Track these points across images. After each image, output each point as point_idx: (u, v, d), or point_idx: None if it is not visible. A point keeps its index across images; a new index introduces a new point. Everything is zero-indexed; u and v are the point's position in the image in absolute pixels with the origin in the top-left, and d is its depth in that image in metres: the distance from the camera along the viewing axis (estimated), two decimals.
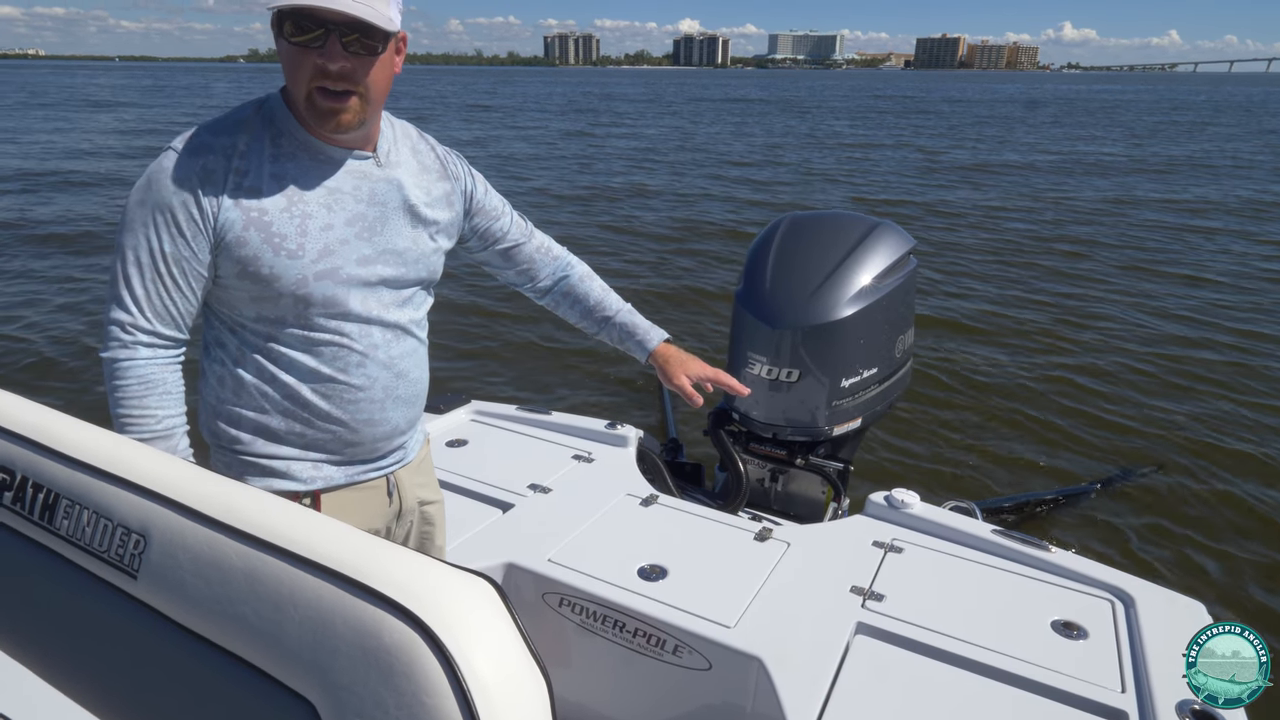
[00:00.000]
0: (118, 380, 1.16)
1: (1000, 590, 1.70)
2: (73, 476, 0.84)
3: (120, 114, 27.80)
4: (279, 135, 1.19)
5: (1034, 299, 6.87)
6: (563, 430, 2.44)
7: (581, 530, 1.88)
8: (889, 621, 1.59)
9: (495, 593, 0.66)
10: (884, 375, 2.30)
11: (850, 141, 21.28)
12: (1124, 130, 25.86)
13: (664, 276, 7.61)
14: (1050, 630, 1.57)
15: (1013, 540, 1.84)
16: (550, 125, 25.82)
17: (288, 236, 1.16)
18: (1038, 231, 9.66)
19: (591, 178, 14.02)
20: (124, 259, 1.15)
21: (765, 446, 2.36)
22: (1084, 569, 1.76)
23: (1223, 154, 18.51)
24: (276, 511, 0.75)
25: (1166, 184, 13.76)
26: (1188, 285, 7.40)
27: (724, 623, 1.56)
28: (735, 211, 10.93)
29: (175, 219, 1.13)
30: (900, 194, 12.51)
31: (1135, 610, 1.63)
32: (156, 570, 0.76)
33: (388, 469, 1.39)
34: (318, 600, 0.66)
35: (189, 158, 1.14)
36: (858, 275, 2.20)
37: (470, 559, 1.76)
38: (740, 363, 2.26)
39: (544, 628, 1.75)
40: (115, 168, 13.93)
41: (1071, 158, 17.45)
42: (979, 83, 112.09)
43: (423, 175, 1.33)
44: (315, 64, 1.10)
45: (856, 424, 2.30)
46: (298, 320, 1.21)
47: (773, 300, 2.21)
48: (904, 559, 1.81)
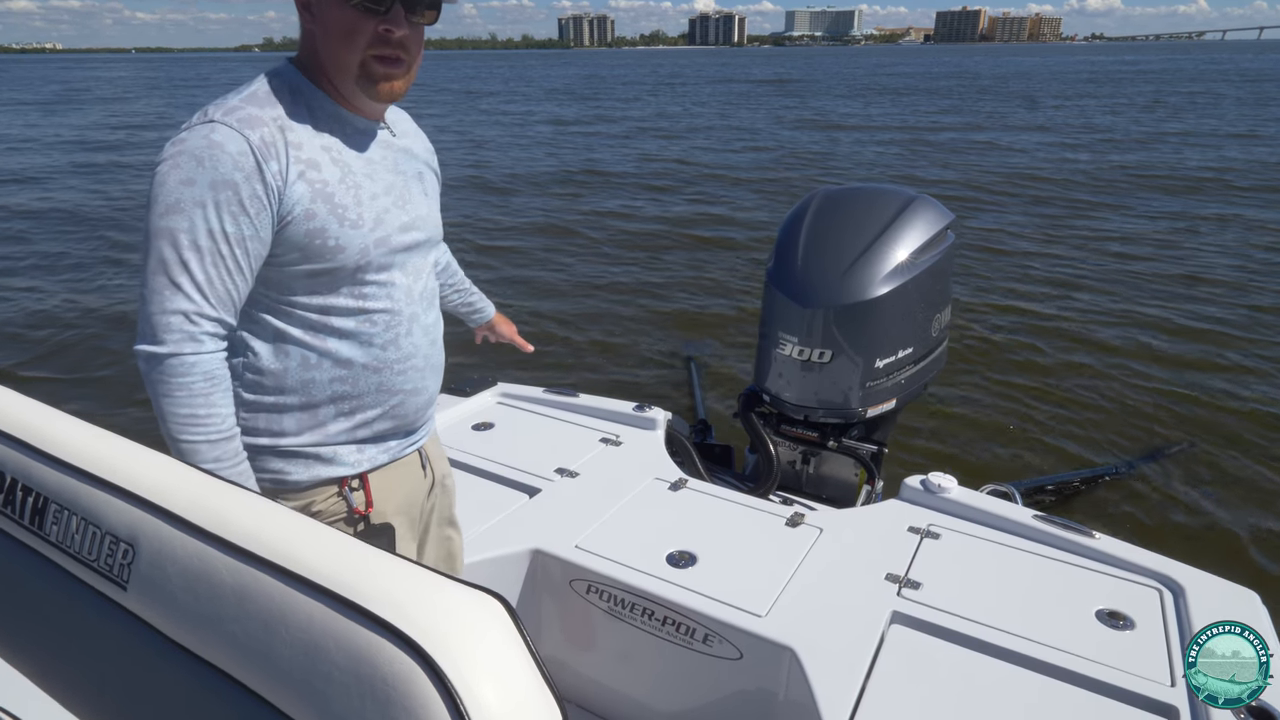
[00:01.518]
0: (182, 377, 1.07)
1: (1042, 578, 1.65)
2: (62, 480, 0.80)
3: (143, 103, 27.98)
4: (312, 108, 1.15)
5: (1073, 275, 6.72)
6: (590, 413, 2.41)
7: (609, 516, 1.85)
8: (926, 611, 1.54)
9: (506, 613, 0.61)
10: (920, 355, 2.23)
11: (882, 123, 20.92)
12: (1175, 104, 25.14)
13: (691, 269, 7.53)
14: (1095, 620, 1.52)
15: (1054, 526, 1.78)
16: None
17: (348, 207, 1.15)
18: (1080, 206, 9.44)
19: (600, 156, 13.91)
20: (176, 243, 1.05)
21: (797, 428, 2.31)
22: (1130, 556, 1.70)
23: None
24: (269, 521, 0.70)
25: (1214, 155, 13.39)
26: (1231, 257, 7.20)
27: (755, 611, 1.52)
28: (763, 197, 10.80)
29: (239, 196, 1.05)
30: (938, 167, 12.28)
31: (1185, 599, 1.57)
32: (146, 581, 0.72)
33: (419, 441, 1.38)
34: (309, 621, 0.61)
35: (243, 130, 1.06)
36: (893, 251, 2.13)
37: (496, 545, 1.74)
38: (771, 343, 2.20)
39: (572, 614, 1.72)
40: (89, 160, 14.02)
41: (1122, 132, 16.97)
42: (1004, 56, 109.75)
43: (418, 142, 1.36)
44: (377, 31, 1.09)
45: (891, 405, 2.24)
46: (351, 293, 1.19)
47: (804, 278, 2.15)
48: (941, 545, 1.76)
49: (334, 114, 1.17)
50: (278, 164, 1.08)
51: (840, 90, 34.22)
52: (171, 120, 21.32)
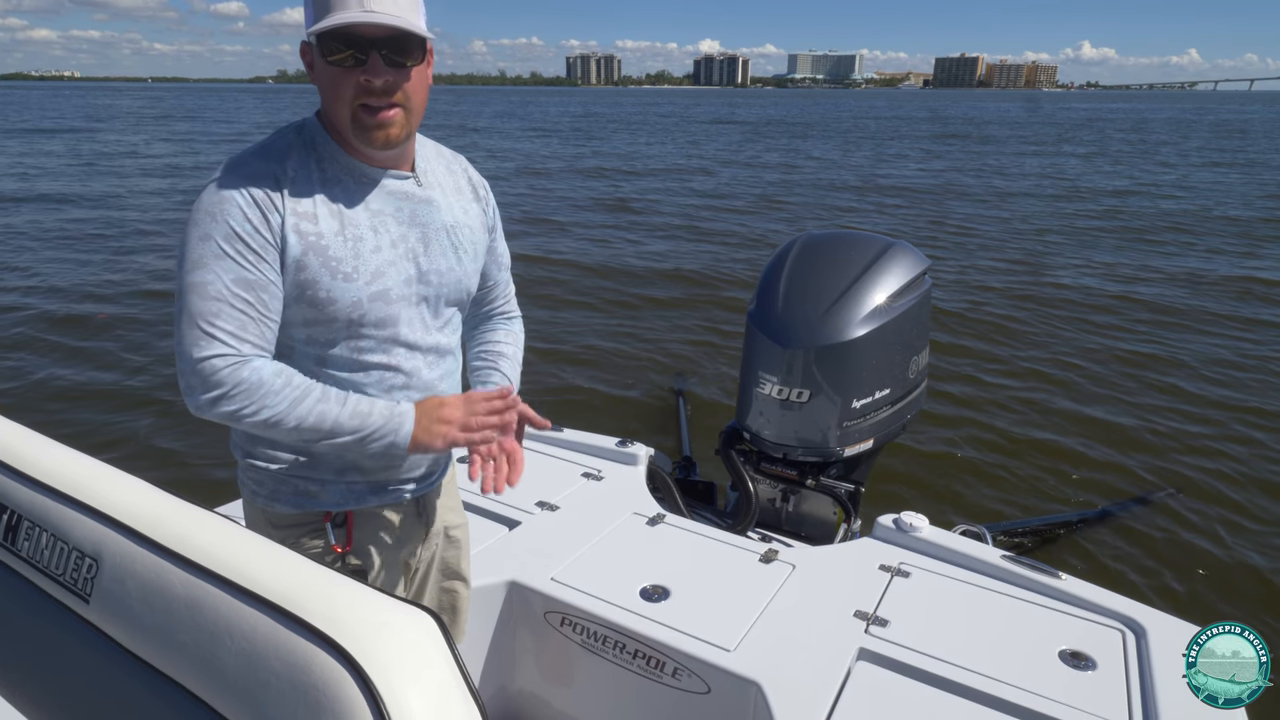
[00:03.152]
0: (258, 389, 1.10)
1: (1008, 618, 1.68)
2: (34, 499, 0.85)
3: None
4: (323, 160, 1.19)
5: (1051, 320, 6.80)
6: (574, 447, 2.44)
7: (586, 549, 1.87)
8: (892, 648, 1.56)
9: (436, 628, 0.65)
10: (897, 396, 2.28)
11: (865, 163, 21.25)
12: (1149, 150, 25.62)
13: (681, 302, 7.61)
14: (1058, 660, 1.54)
15: (1022, 566, 1.81)
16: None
17: (343, 260, 1.16)
18: (1057, 253, 9.58)
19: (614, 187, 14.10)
20: (205, 296, 1.09)
21: (776, 466, 2.34)
22: (1095, 597, 1.73)
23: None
24: (223, 538, 0.75)
25: (1192, 203, 13.62)
26: (1214, 299, 7.30)
27: (724, 646, 1.55)
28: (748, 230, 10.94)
29: (250, 246, 1.11)
30: (917, 213, 12.47)
31: (1146, 641, 1.60)
32: (107, 595, 0.76)
33: (419, 490, 1.38)
34: (252, 631, 0.66)
35: (244, 185, 1.12)
36: (871, 295, 2.19)
37: (474, 576, 1.76)
38: (752, 381, 2.25)
39: (547, 647, 1.74)
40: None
41: (1096, 178, 17.29)
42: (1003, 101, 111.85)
43: (458, 196, 1.33)
44: (359, 82, 1.12)
45: (869, 445, 2.28)
46: (348, 343, 1.21)
47: (785, 319, 2.21)
48: (910, 584, 1.79)
49: (346, 165, 1.20)
50: (277, 216, 1.13)
51: (838, 133, 34.76)
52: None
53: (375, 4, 1.08)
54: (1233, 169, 19.50)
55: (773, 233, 10.57)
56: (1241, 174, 18.34)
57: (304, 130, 1.21)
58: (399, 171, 1.23)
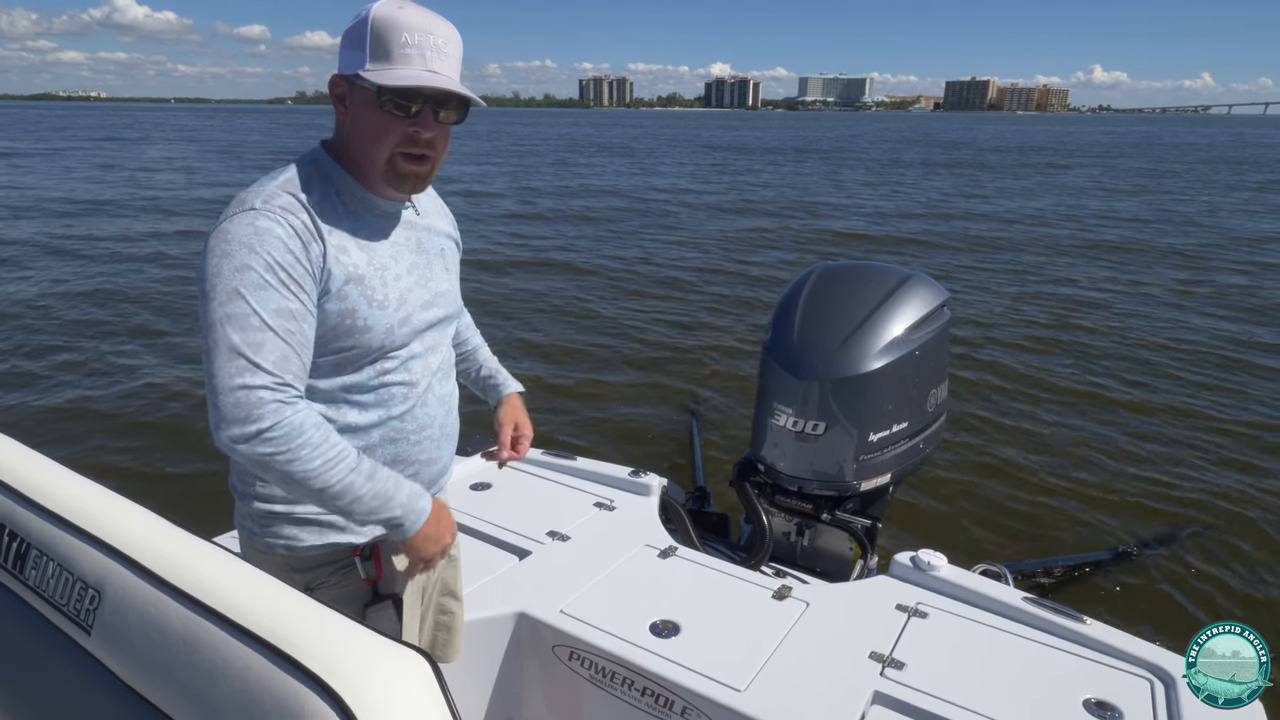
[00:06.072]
0: (298, 437, 1.06)
1: (1029, 663, 1.63)
2: (44, 527, 0.85)
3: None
4: (341, 192, 1.22)
5: (1075, 351, 6.71)
6: (586, 476, 2.42)
7: (596, 581, 1.85)
8: (908, 692, 1.52)
9: (429, 669, 0.66)
10: (915, 429, 2.25)
11: (881, 190, 21.23)
12: (1176, 179, 25.32)
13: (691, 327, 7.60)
14: (1082, 710, 1.50)
15: (1045, 610, 1.77)
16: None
17: (376, 288, 1.20)
18: (1079, 282, 9.49)
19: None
20: (245, 327, 1.05)
21: (791, 499, 2.31)
22: (1122, 644, 1.68)
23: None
24: (222, 572, 0.75)
25: (1212, 235, 13.50)
26: (1240, 325, 7.20)
27: (734, 686, 1.51)
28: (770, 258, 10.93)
29: (293, 275, 1.10)
30: (936, 242, 12.41)
31: (1176, 692, 1.55)
32: (108, 627, 0.77)
33: None
34: (247, 672, 0.66)
35: (285, 217, 1.11)
36: (888, 327, 2.16)
37: (483, 606, 1.74)
38: (767, 413, 2.23)
39: (554, 680, 1.71)
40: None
41: (1122, 210, 16.95)
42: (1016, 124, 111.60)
43: (440, 219, 1.41)
44: (407, 132, 1.16)
45: (885, 479, 2.24)
46: (373, 366, 1.23)
47: (800, 351, 2.19)
48: (928, 625, 1.75)
49: (362, 199, 1.24)
50: (318, 246, 1.14)
51: (860, 161, 34.83)
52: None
53: (437, 65, 1.15)
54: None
55: (788, 264, 10.55)
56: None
57: (319, 163, 1.23)
58: (401, 202, 1.30)
